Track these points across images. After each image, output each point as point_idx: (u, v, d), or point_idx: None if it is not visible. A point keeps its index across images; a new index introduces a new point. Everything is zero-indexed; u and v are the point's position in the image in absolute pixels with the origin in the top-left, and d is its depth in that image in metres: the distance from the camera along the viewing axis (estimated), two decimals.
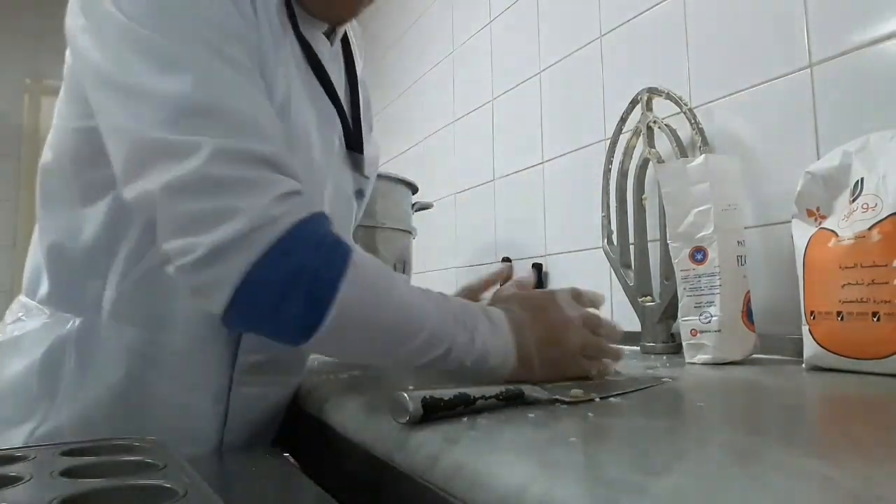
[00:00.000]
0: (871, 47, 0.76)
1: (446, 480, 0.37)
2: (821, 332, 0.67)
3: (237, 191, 0.48)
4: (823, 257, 0.67)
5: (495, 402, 0.47)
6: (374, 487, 0.49)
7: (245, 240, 0.47)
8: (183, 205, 0.48)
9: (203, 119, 0.49)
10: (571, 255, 1.27)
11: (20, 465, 0.38)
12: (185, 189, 0.48)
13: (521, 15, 1.46)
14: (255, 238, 0.47)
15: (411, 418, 0.43)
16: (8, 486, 0.34)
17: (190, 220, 0.48)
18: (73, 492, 0.33)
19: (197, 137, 0.48)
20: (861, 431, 0.41)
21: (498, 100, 1.55)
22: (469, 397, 0.45)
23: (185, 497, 0.32)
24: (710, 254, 0.78)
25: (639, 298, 0.97)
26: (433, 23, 1.92)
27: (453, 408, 0.45)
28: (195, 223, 0.47)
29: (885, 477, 0.29)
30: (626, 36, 1.15)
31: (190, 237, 0.47)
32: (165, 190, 0.48)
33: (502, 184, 1.51)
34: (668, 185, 0.83)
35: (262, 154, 0.50)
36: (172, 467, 0.38)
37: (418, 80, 1.99)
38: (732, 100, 0.94)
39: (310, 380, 0.74)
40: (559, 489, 0.29)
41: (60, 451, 0.42)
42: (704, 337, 0.77)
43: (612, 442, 0.39)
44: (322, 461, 0.62)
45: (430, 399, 0.43)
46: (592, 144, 1.21)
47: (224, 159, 0.48)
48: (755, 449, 0.36)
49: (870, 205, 0.64)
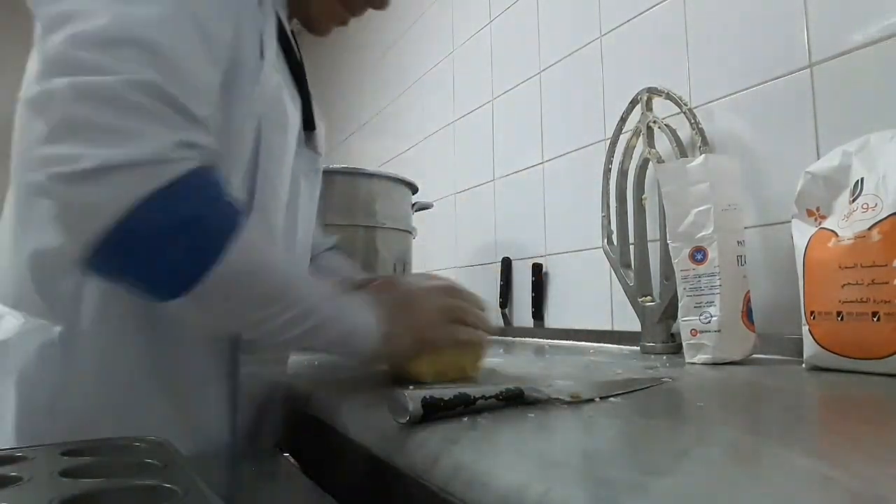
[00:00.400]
0: (871, 47, 0.76)
1: (446, 480, 0.37)
2: (821, 331, 0.67)
3: (147, 119, 0.45)
4: (823, 257, 0.67)
5: (495, 402, 0.47)
6: (374, 487, 0.49)
7: (141, 168, 0.43)
8: (85, 109, 0.43)
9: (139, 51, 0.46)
10: (571, 255, 1.27)
11: (20, 466, 0.38)
12: (94, 96, 0.43)
13: (521, 15, 1.46)
14: (152, 171, 0.44)
15: (411, 418, 0.43)
16: (8, 486, 0.34)
17: (86, 127, 0.43)
18: (73, 492, 0.33)
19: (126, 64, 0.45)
20: (861, 431, 0.41)
21: (498, 100, 1.55)
22: (469, 397, 0.45)
23: (185, 497, 0.32)
24: (710, 254, 0.78)
25: (639, 298, 0.97)
26: (433, 23, 1.92)
27: (453, 408, 0.45)
28: (91, 132, 0.43)
29: (885, 477, 0.29)
30: (626, 36, 1.15)
31: (80, 146, 0.42)
32: (72, 89, 0.43)
33: (502, 184, 1.51)
34: (668, 185, 0.83)
35: (183, 103, 0.47)
36: (172, 467, 0.38)
37: (418, 80, 1.99)
38: (732, 100, 0.94)
39: (310, 380, 0.74)
40: (559, 489, 0.29)
41: (60, 451, 0.42)
42: (704, 337, 0.77)
43: (612, 442, 0.39)
44: (322, 461, 0.62)
45: (430, 399, 0.43)
46: (592, 144, 1.22)
47: (145, 89, 0.45)
48: (755, 449, 0.36)
49: (870, 205, 0.64)
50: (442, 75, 1.84)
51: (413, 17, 2.04)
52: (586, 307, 1.07)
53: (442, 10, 1.85)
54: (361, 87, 2.44)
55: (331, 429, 0.58)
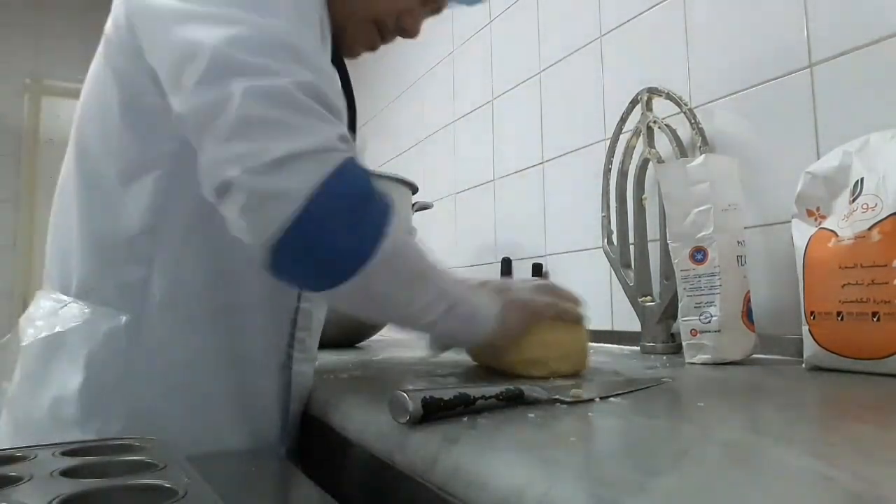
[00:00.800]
0: (871, 47, 0.76)
1: (446, 480, 0.37)
2: (821, 332, 0.67)
3: (313, 116, 0.50)
4: (823, 257, 0.67)
5: (495, 402, 0.47)
6: (374, 487, 0.49)
7: (318, 155, 0.49)
8: (261, 109, 0.48)
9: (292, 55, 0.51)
10: (571, 255, 1.27)
11: (20, 465, 0.38)
12: (269, 98, 0.48)
13: (521, 15, 1.46)
14: (326, 157, 0.49)
15: (411, 418, 0.43)
16: (8, 485, 0.34)
17: (264, 124, 0.48)
18: (74, 492, 0.33)
19: (288, 66, 0.50)
20: (861, 431, 0.41)
21: (498, 100, 1.55)
22: (469, 397, 0.45)
23: (185, 497, 0.32)
24: (710, 254, 0.78)
25: (639, 298, 0.97)
26: (433, 23, 1.91)
27: (453, 408, 0.45)
28: (269, 129, 0.48)
29: (885, 477, 0.29)
30: (626, 36, 1.15)
31: (262, 141, 0.47)
32: (250, 92, 0.48)
33: (502, 184, 1.51)
34: (668, 185, 0.83)
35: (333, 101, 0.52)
36: (172, 467, 0.38)
37: (418, 79, 1.99)
38: (732, 100, 0.94)
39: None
40: (559, 489, 0.29)
41: (60, 450, 0.42)
42: (704, 337, 0.77)
43: (612, 442, 0.39)
44: (322, 461, 0.62)
45: (430, 399, 0.43)
46: (592, 144, 1.22)
47: (306, 90, 0.50)
48: (755, 449, 0.36)
49: (870, 205, 0.64)
50: (442, 75, 1.84)
51: None
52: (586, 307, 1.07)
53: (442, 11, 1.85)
54: (361, 87, 2.44)
55: (331, 429, 0.59)
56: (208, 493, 0.33)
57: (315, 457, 0.65)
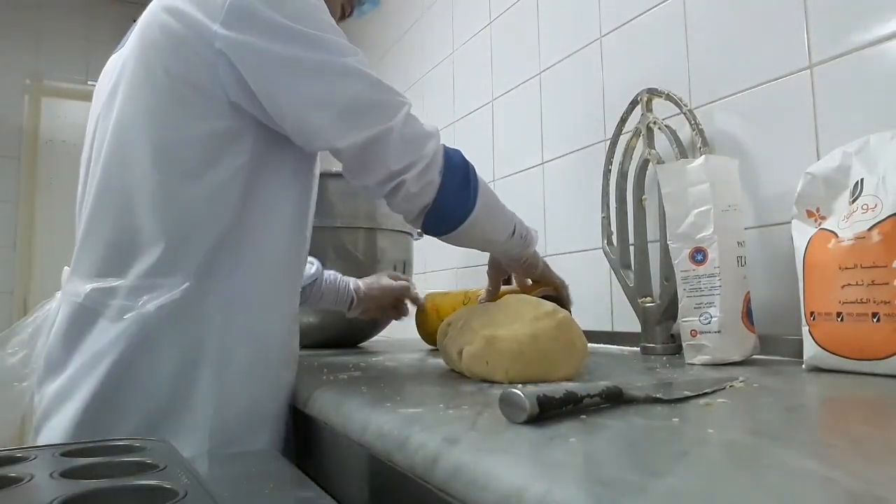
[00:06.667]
0: (872, 48, 0.76)
1: (446, 480, 0.37)
2: (821, 332, 0.67)
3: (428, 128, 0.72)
4: (823, 258, 0.67)
5: (599, 401, 0.48)
6: (374, 487, 0.49)
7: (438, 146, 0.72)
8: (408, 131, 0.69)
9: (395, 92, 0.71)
10: (571, 256, 1.27)
11: (21, 466, 0.38)
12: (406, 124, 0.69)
13: (521, 15, 1.46)
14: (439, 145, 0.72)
15: (528, 417, 0.43)
16: (8, 486, 0.34)
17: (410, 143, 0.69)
18: (74, 492, 0.33)
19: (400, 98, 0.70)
20: (861, 432, 0.42)
21: (498, 100, 1.55)
22: (576, 396, 0.46)
23: (185, 497, 0.32)
24: (710, 254, 0.78)
25: (639, 299, 0.97)
26: (433, 23, 1.92)
27: (563, 406, 0.45)
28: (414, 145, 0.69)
29: (885, 477, 0.29)
30: (626, 36, 1.15)
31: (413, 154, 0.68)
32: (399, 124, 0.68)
33: (502, 184, 1.51)
34: (668, 185, 0.83)
35: None
36: (172, 467, 0.38)
37: (418, 80, 1.99)
38: (732, 100, 0.94)
39: (310, 380, 0.74)
40: (559, 489, 0.29)
41: (61, 451, 0.42)
42: (704, 338, 0.77)
43: (612, 442, 0.39)
44: (322, 461, 0.62)
45: (544, 397, 0.44)
46: (592, 145, 1.22)
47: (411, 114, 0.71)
48: (755, 449, 0.36)
49: (870, 205, 0.64)
50: (442, 76, 1.84)
51: (413, 18, 2.04)
52: (586, 308, 1.07)
53: (442, 11, 1.85)
54: None
55: (331, 429, 0.59)
56: (208, 493, 0.33)
57: (315, 457, 0.65)
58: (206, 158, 0.68)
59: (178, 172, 0.67)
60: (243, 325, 0.69)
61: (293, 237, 0.76)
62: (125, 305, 0.65)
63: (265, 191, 0.71)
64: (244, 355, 0.69)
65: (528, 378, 0.63)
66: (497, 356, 0.64)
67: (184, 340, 0.66)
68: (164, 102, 0.68)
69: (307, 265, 1.04)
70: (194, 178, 0.67)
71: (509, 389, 0.44)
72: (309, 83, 0.65)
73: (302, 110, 0.66)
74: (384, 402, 0.54)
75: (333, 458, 0.59)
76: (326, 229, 1.21)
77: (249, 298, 0.70)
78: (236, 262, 0.69)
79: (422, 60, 1.97)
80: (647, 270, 0.98)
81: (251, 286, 0.70)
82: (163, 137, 0.68)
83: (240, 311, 0.69)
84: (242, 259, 0.69)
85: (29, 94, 3.06)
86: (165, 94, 0.67)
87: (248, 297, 0.70)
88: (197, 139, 0.67)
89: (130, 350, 0.65)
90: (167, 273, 0.66)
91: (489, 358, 0.65)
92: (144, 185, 0.68)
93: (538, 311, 0.68)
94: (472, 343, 0.67)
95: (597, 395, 0.47)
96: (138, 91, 0.69)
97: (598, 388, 0.48)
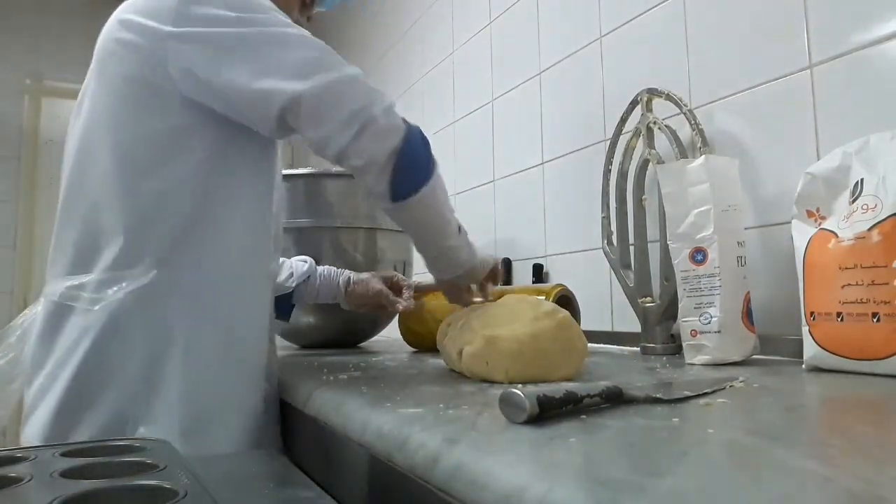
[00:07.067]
0: (872, 48, 0.76)
1: (446, 480, 0.37)
2: (821, 332, 0.67)
3: None
4: (823, 258, 0.67)
5: (599, 401, 0.48)
6: (374, 487, 0.49)
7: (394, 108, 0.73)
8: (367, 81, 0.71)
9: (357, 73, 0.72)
10: (571, 256, 1.27)
11: (21, 466, 0.38)
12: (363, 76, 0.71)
13: (521, 15, 1.46)
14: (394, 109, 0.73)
15: (528, 417, 0.43)
16: (8, 486, 0.34)
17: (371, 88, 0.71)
18: (74, 492, 0.33)
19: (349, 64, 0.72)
20: (861, 432, 0.42)
21: (498, 100, 1.55)
22: (577, 396, 0.46)
23: (185, 497, 0.32)
24: (710, 255, 0.78)
25: (639, 299, 0.97)
26: (433, 23, 1.92)
27: (563, 406, 0.45)
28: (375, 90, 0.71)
29: (885, 477, 0.29)
30: (626, 36, 1.15)
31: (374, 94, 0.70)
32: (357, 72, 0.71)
33: (502, 184, 1.51)
34: (668, 185, 0.83)
35: None
36: (172, 467, 0.38)
37: (418, 80, 1.99)
38: (732, 100, 0.94)
39: (310, 380, 0.74)
40: (559, 489, 0.29)
41: (60, 451, 0.42)
42: (704, 338, 0.77)
43: (612, 442, 0.39)
44: (322, 461, 0.62)
45: (544, 397, 0.43)
46: (592, 145, 1.22)
47: None
48: (755, 449, 0.36)
49: (870, 205, 0.64)
50: (442, 76, 1.84)
51: (413, 18, 2.04)
52: (586, 308, 1.07)
53: (442, 11, 1.85)
54: None
55: (331, 429, 0.59)
56: (208, 493, 0.33)
57: (315, 457, 0.65)
58: (162, 155, 0.71)
59: (135, 170, 0.71)
60: (210, 312, 0.72)
61: (257, 228, 0.79)
62: (94, 297, 0.69)
63: (226, 184, 0.74)
64: (212, 341, 0.72)
65: (528, 378, 0.63)
66: (497, 356, 0.64)
67: (152, 326, 0.69)
68: (123, 105, 0.72)
69: (300, 263, 1.08)
70: (151, 174, 0.71)
71: (509, 389, 0.44)
72: (259, 53, 0.68)
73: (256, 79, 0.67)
74: (384, 402, 0.54)
75: (333, 458, 0.59)
76: (326, 229, 1.21)
77: (215, 287, 0.73)
78: (200, 252, 0.72)
79: (422, 60, 1.97)
80: (647, 270, 0.98)
81: (216, 275, 0.73)
82: (121, 138, 0.72)
83: (206, 299, 0.72)
84: (206, 250, 0.72)
85: (29, 94, 3.06)
86: (123, 97, 0.72)
87: (214, 285, 0.73)
88: (153, 137, 0.71)
89: (101, 339, 0.68)
90: (130, 265, 0.70)
91: (489, 358, 0.65)
92: (105, 184, 0.71)
93: (538, 311, 0.68)
94: (472, 343, 0.67)
95: (597, 395, 0.47)
96: (100, 98, 0.74)
97: (598, 388, 0.48)
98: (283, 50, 0.68)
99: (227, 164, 0.74)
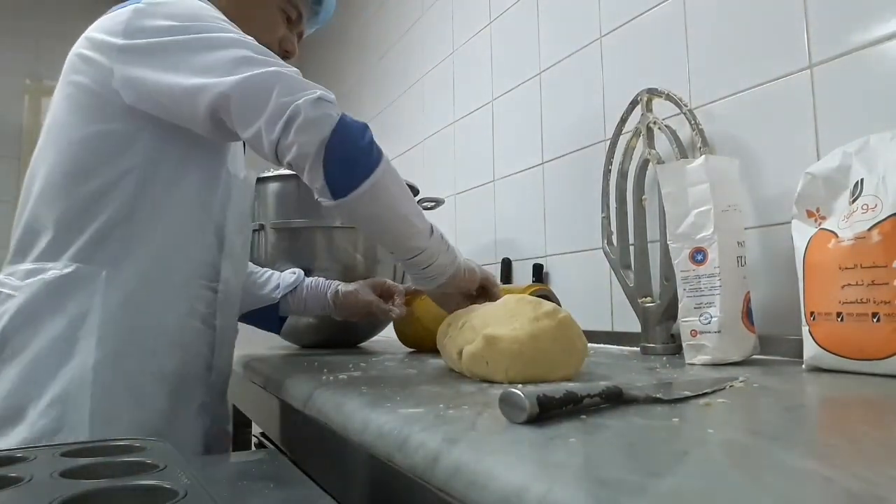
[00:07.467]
0: (872, 48, 0.76)
1: (446, 480, 0.37)
2: (821, 332, 0.67)
3: None
4: (823, 258, 0.67)
5: (599, 401, 0.47)
6: (373, 487, 0.49)
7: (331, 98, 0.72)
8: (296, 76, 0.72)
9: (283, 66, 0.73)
10: (571, 256, 1.27)
11: (20, 466, 0.38)
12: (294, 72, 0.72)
13: (521, 15, 1.46)
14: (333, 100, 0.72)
15: (528, 417, 0.43)
16: (8, 486, 0.34)
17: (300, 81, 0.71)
18: (74, 492, 0.33)
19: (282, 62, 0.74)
20: (861, 432, 0.41)
21: (498, 100, 1.55)
22: (576, 396, 0.46)
23: (185, 497, 0.32)
24: (710, 255, 0.78)
25: (639, 299, 0.97)
26: (433, 23, 1.92)
27: (563, 406, 0.45)
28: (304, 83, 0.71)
29: (885, 477, 0.29)
30: (626, 36, 1.15)
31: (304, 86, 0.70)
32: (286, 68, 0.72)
33: (502, 184, 1.51)
34: (668, 185, 0.83)
35: None
36: (172, 467, 0.38)
37: (418, 80, 1.99)
38: (732, 100, 0.94)
39: (310, 380, 0.74)
40: (559, 489, 0.29)
41: (60, 451, 0.42)
42: (704, 338, 0.77)
43: (612, 442, 0.39)
44: (322, 461, 0.62)
45: (544, 397, 0.43)
46: (592, 145, 1.22)
47: None
48: (755, 449, 0.36)
49: (870, 205, 0.64)
50: (442, 76, 1.84)
51: (413, 18, 2.04)
52: (586, 308, 1.08)
53: (442, 11, 1.85)
54: (361, 88, 2.44)
55: (331, 429, 0.59)
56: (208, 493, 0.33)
57: (315, 457, 0.65)
58: (98, 158, 0.76)
59: (76, 170, 0.76)
60: (127, 308, 0.75)
61: (194, 236, 0.82)
62: (17, 285, 0.75)
63: (160, 191, 0.78)
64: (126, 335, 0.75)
65: (528, 378, 0.63)
66: (497, 356, 0.64)
67: (67, 313, 0.73)
68: (71, 110, 0.78)
69: (289, 275, 1.09)
70: (84, 176, 0.76)
71: (509, 389, 0.44)
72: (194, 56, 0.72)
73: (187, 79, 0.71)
74: (384, 402, 0.54)
75: (333, 458, 0.59)
76: (325, 230, 1.21)
77: (136, 286, 0.76)
78: (124, 252, 0.76)
79: (422, 60, 1.97)
80: (647, 270, 0.98)
81: (138, 275, 0.76)
82: (63, 141, 0.77)
83: (126, 296, 0.75)
84: (131, 250, 0.76)
85: (29, 94, 3.06)
86: (74, 102, 0.77)
87: (135, 284, 0.76)
88: (91, 140, 0.76)
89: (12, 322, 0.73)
90: (54, 257, 0.75)
91: (489, 358, 0.65)
92: (45, 183, 0.77)
93: (538, 311, 0.68)
94: (472, 343, 0.67)
95: (597, 395, 0.47)
96: (56, 104, 0.80)
97: (598, 388, 0.48)
98: (216, 51, 0.71)
99: (167, 168, 0.78)
